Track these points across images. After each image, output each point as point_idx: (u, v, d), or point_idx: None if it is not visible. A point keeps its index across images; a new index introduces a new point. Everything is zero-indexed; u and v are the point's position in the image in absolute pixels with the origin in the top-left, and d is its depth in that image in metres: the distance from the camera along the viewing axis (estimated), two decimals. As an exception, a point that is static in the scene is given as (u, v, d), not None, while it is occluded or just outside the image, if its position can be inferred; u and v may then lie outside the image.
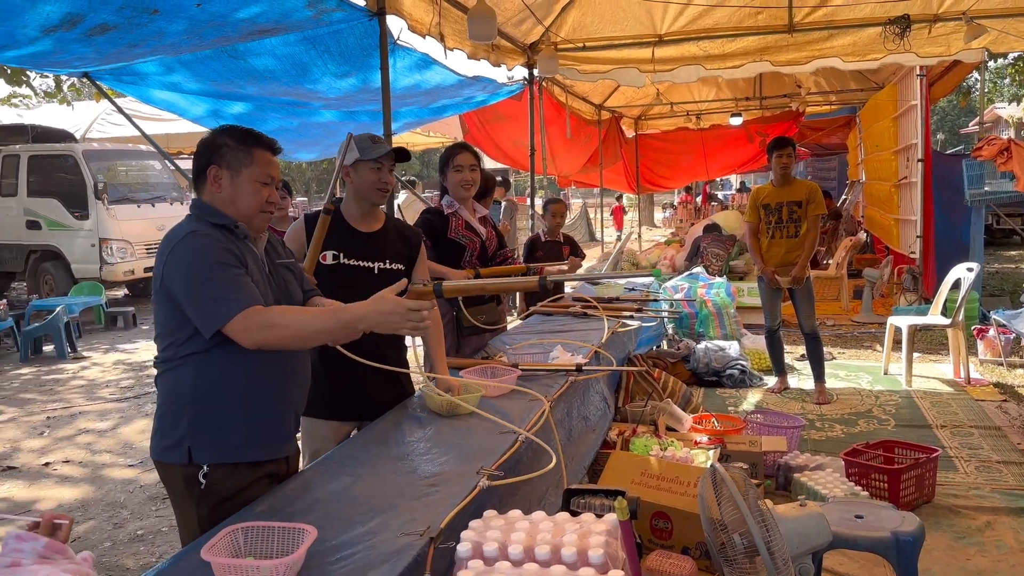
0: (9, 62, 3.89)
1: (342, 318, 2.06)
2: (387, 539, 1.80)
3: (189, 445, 2.13)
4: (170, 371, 2.17)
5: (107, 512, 4.44)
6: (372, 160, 2.84)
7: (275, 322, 2.03)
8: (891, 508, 2.59)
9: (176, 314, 2.10)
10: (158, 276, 2.12)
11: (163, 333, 2.17)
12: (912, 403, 5.61)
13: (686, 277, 7.83)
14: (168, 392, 2.18)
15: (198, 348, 2.12)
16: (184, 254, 2.07)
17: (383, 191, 2.91)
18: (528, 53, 7.00)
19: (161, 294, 2.12)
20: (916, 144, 8.56)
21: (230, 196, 2.18)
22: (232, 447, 2.17)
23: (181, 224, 2.17)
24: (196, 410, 2.14)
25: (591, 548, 1.64)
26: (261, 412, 2.23)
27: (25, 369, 8.43)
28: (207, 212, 2.17)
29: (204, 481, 2.13)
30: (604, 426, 3.72)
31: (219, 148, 2.17)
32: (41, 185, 11.61)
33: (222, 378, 2.15)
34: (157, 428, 2.21)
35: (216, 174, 2.17)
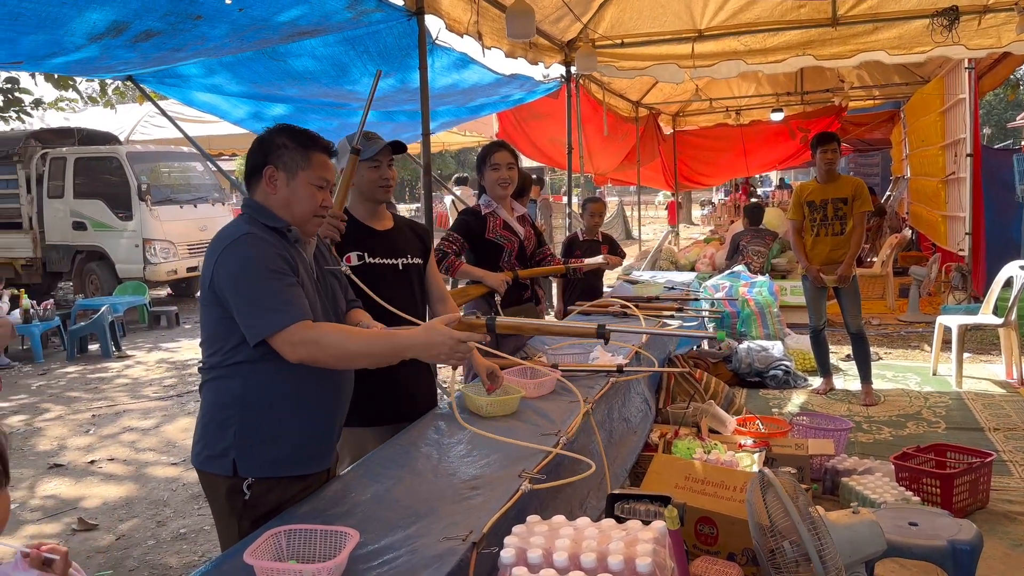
0: (56, 69, 3.95)
1: (392, 344, 2.02)
2: (429, 543, 1.78)
3: (234, 457, 2.09)
4: (217, 379, 2.12)
5: (150, 510, 4.50)
6: (369, 159, 2.81)
7: (323, 340, 1.98)
8: (947, 515, 2.50)
9: (225, 319, 2.05)
10: (207, 277, 2.06)
11: (210, 338, 2.12)
12: (963, 405, 5.45)
13: (727, 276, 7.71)
14: (213, 401, 2.13)
15: (247, 357, 2.06)
16: (237, 257, 2.01)
17: (386, 187, 2.89)
18: (565, 50, 6.95)
19: (210, 296, 2.06)
20: (964, 139, 8.34)
21: (285, 199, 2.12)
22: (278, 461, 2.13)
23: (234, 224, 2.12)
24: (243, 422, 2.09)
25: (638, 556, 1.60)
26: (308, 426, 2.18)
27: (71, 367, 8.60)
28: (261, 213, 2.12)
29: (248, 493, 2.09)
30: (646, 428, 3.66)
31: (276, 148, 2.12)
32: (87, 187, 11.85)
33: (270, 390, 2.10)
34: (200, 436, 2.16)
35: (272, 175, 2.12)
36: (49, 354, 9.27)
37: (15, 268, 12.40)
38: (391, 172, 2.88)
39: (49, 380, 8.03)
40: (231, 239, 2.04)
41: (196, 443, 2.18)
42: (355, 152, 2.81)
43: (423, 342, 2.00)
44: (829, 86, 12.16)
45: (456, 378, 3.24)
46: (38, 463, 5.40)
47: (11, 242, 12.37)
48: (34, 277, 12.32)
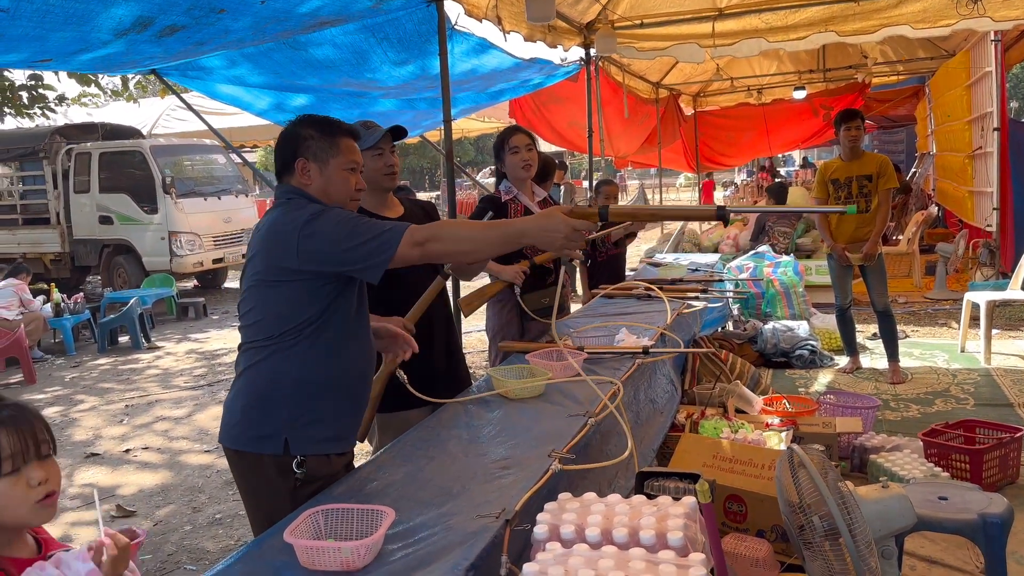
0: (82, 66, 4.01)
1: (506, 231, 2.05)
2: (463, 521, 1.81)
3: (287, 436, 2.14)
4: (268, 360, 2.15)
5: (186, 496, 4.59)
6: (371, 148, 2.82)
7: (441, 233, 2.03)
8: (977, 489, 2.50)
9: (299, 296, 2.08)
10: (288, 260, 2.05)
11: (270, 319, 2.12)
12: (992, 381, 5.40)
13: (751, 256, 7.67)
14: (264, 381, 2.15)
15: (309, 336, 2.12)
16: (327, 225, 2.02)
17: (390, 174, 2.90)
18: (584, 33, 6.93)
19: (286, 278, 2.08)
20: (991, 113, 8.20)
21: (321, 187, 2.17)
22: (328, 439, 2.21)
23: (291, 209, 2.11)
24: (297, 401, 2.15)
25: (670, 531, 1.62)
26: (352, 403, 2.28)
27: (103, 359, 8.76)
28: (308, 198, 2.15)
29: (300, 471, 2.15)
30: (672, 409, 3.68)
31: (304, 140, 2.17)
32: (112, 181, 11.99)
33: (325, 370, 2.16)
34: (241, 417, 2.18)
35: (304, 166, 2.17)
36: (80, 347, 9.43)
37: (44, 263, 12.60)
38: (394, 158, 2.90)
39: (82, 372, 8.18)
40: (305, 220, 2.04)
41: (233, 425, 2.20)
42: (443, 276, 2.88)
43: (539, 227, 1.98)
44: (852, 62, 11.99)
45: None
46: (75, 452, 5.52)
47: (39, 237, 12.57)
48: (63, 272, 12.51)
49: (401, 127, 2.88)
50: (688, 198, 29.37)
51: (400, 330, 2.61)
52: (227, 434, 2.23)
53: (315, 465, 2.18)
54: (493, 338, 4.02)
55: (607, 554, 1.58)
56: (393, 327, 2.60)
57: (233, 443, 2.22)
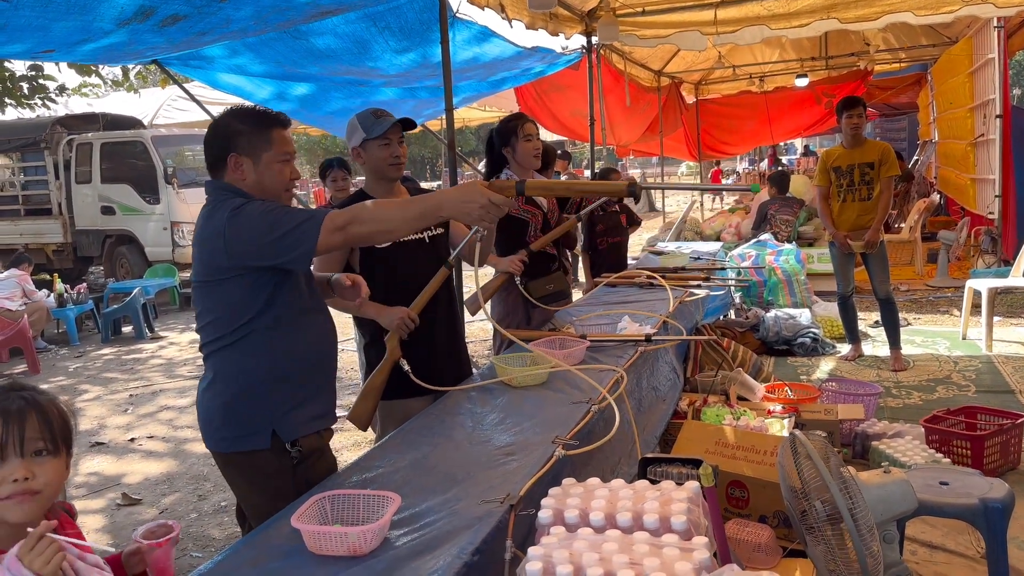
0: (84, 57, 4.02)
1: (424, 204, 2.04)
2: (468, 506, 1.83)
3: (274, 427, 2.16)
4: (232, 357, 2.15)
5: (191, 485, 4.62)
6: (379, 137, 2.80)
7: (361, 215, 2.02)
8: (978, 475, 2.51)
9: (247, 289, 2.10)
10: (219, 258, 2.07)
11: (223, 317, 2.13)
12: (993, 368, 5.42)
13: (753, 244, 7.67)
14: (236, 379, 2.16)
15: (269, 323, 2.13)
16: (247, 220, 2.03)
17: (397, 165, 2.88)
18: (586, 21, 6.90)
19: (221, 275, 2.09)
20: (994, 100, 8.18)
21: (255, 181, 2.16)
22: (315, 417, 2.25)
23: (217, 207, 2.10)
24: (275, 391, 2.16)
25: (673, 515, 1.64)
26: (327, 377, 2.32)
27: (106, 349, 8.78)
28: (239, 194, 2.13)
29: (295, 450, 2.20)
30: (674, 396, 3.70)
31: (235, 135, 2.14)
32: (113, 171, 11.98)
33: (291, 353, 2.18)
34: (223, 420, 2.17)
35: (236, 162, 2.14)
36: (84, 337, 9.46)
37: (47, 253, 12.62)
38: (401, 149, 2.88)
39: (85, 362, 8.21)
40: (227, 216, 2.04)
41: (216, 428, 2.19)
42: (448, 267, 2.88)
43: (456, 198, 1.98)
44: (854, 50, 11.94)
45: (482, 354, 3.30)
46: (80, 442, 5.51)
47: (42, 228, 12.58)
48: (65, 262, 12.52)
49: (410, 119, 2.88)
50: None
51: (402, 309, 2.70)
52: (212, 438, 2.22)
53: (307, 444, 2.24)
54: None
55: (611, 538, 1.60)
56: (397, 313, 2.70)
57: (222, 447, 2.21)
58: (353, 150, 2.90)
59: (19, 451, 1.36)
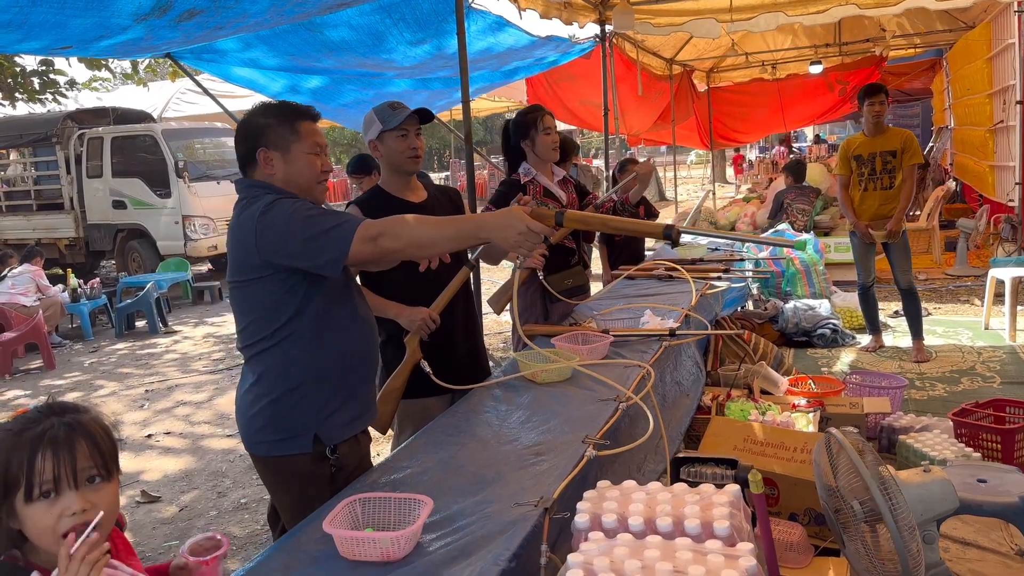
0: (101, 52, 3.98)
1: (463, 225, 2.02)
2: (500, 509, 1.79)
3: (315, 431, 2.14)
4: (273, 360, 2.12)
5: (210, 481, 4.60)
6: (396, 128, 2.75)
7: (395, 229, 1.97)
8: (1016, 471, 2.46)
9: (282, 289, 2.07)
10: (246, 255, 2.05)
11: (262, 318, 2.11)
12: (1018, 359, 5.34)
13: (771, 235, 7.60)
14: (278, 382, 2.13)
15: (308, 324, 2.10)
16: (279, 218, 2.00)
17: (415, 157, 2.83)
18: (600, 9, 6.83)
19: (255, 273, 2.07)
20: (1014, 85, 8.06)
21: (286, 175, 2.13)
22: (355, 418, 2.24)
23: (249, 204, 2.07)
24: (317, 394, 2.14)
25: (716, 520, 1.59)
26: (368, 377, 2.30)
27: (120, 344, 8.79)
28: (271, 190, 2.11)
29: (334, 457, 2.18)
30: (698, 391, 3.64)
31: (264, 130, 2.13)
32: (124, 165, 11.98)
33: (332, 355, 2.15)
34: (265, 423, 2.14)
35: (267, 156, 2.12)
36: (98, 332, 9.47)
37: (59, 248, 12.64)
38: (419, 141, 2.83)
39: (100, 357, 8.21)
40: (259, 213, 2.02)
41: (256, 431, 2.16)
42: (469, 267, 2.86)
43: (497, 223, 1.95)
44: (868, 36, 11.82)
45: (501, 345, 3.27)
46: (97, 438, 5.54)
47: (54, 223, 12.60)
48: (77, 257, 12.54)
49: (427, 110, 2.82)
50: (699, 175, 29.20)
51: (423, 309, 2.69)
52: (252, 441, 2.20)
53: (346, 451, 2.22)
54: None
55: (652, 544, 1.56)
56: (418, 313, 2.69)
57: (262, 450, 2.19)
58: (370, 143, 2.85)
59: (73, 482, 1.31)
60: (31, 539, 1.33)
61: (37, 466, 1.29)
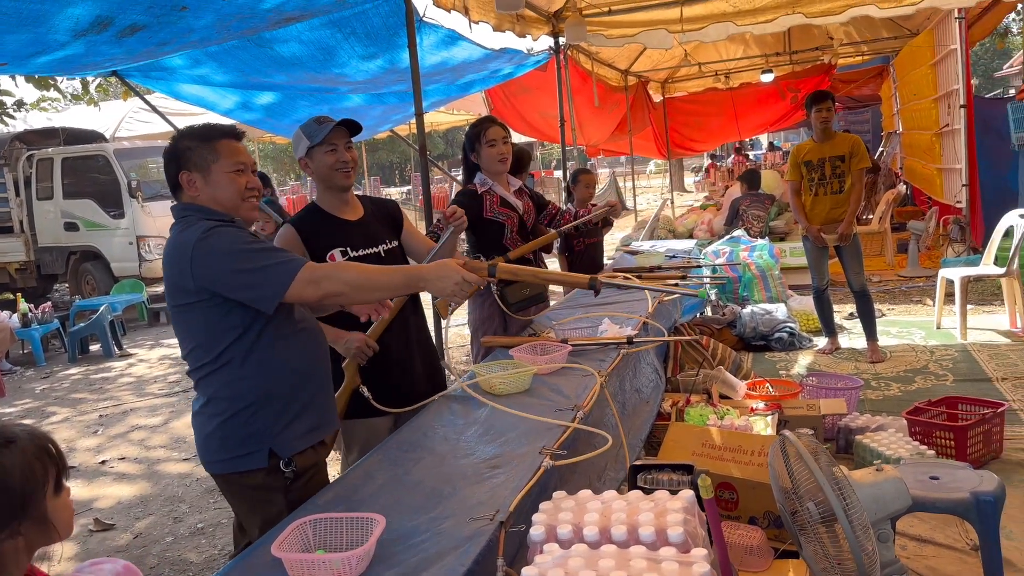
0: (40, 69, 3.89)
1: (407, 275, 2.13)
2: (456, 524, 1.77)
3: (270, 445, 2.14)
4: (225, 379, 2.13)
5: (166, 507, 4.49)
6: (323, 143, 2.68)
7: (339, 274, 2.06)
8: (967, 467, 2.50)
9: (221, 316, 2.06)
10: (183, 281, 2.04)
11: (207, 341, 2.11)
12: (969, 356, 5.46)
13: (727, 241, 7.68)
14: (230, 401, 2.13)
15: (251, 345, 2.10)
16: (217, 246, 2.01)
17: (345, 171, 2.74)
18: (553, 21, 6.87)
19: (194, 299, 2.05)
20: (957, 90, 8.27)
21: (209, 195, 2.14)
22: (311, 430, 2.23)
23: (186, 228, 2.07)
24: (271, 408, 2.15)
25: (670, 527, 1.59)
26: (323, 387, 2.31)
27: (74, 369, 8.58)
28: (202, 211, 2.12)
29: (288, 470, 2.17)
30: (657, 397, 3.66)
31: (183, 152, 2.13)
32: (76, 187, 11.74)
33: (284, 369, 2.16)
34: (220, 442, 2.15)
35: (189, 179, 2.13)
36: (51, 357, 9.24)
37: (9, 272, 12.33)
38: (349, 154, 2.75)
39: (53, 383, 8.00)
40: (196, 238, 2.02)
41: (213, 450, 2.17)
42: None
43: (435, 275, 2.09)
44: (817, 44, 12.05)
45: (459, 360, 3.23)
46: (49, 466, 5.38)
47: (3, 247, 12.28)
48: (28, 281, 12.24)
49: (355, 122, 2.74)
50: (658, 184, 29.49)
51: (360, 334, 2.68)
52: (209, 460, 2.21)
53: (302, 461, 2.22)
54: (474, 333, 3.99)
55: (607, 553, 1.55)
56: (355, 338, 2.69)
57: (218, 468, 2.20)
58: (300, 161, 2.78)
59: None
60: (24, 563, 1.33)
61: None
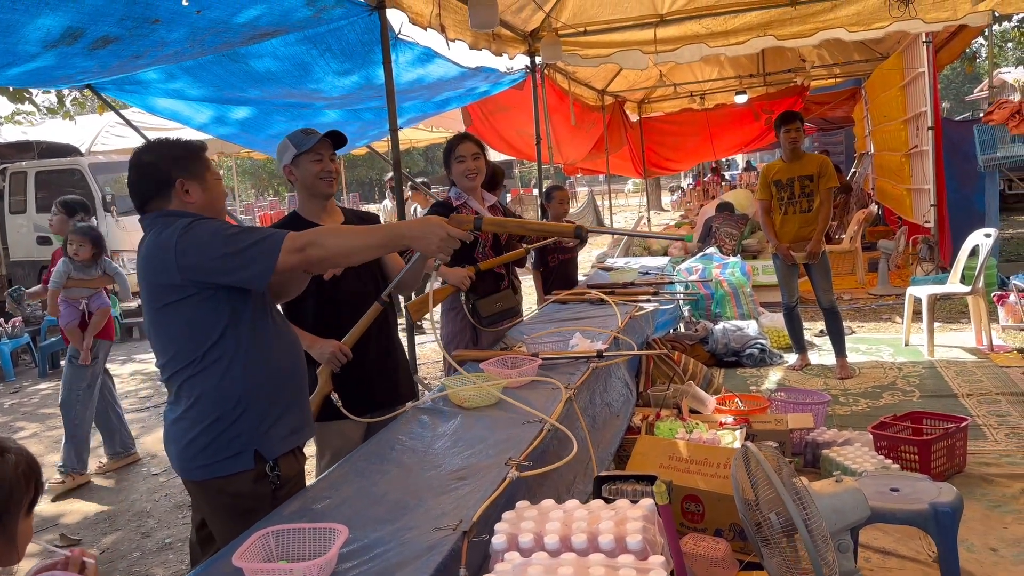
0: (11, 81, 3.87)
1: (389, 232, 2.16)
2: (419, 535, 1.78)
3: (256, 446, 2.16)
4: (206, 382, 2.13)
5: (134, 522, 4.45)
6: (309, 151, 2.80)
7: (321, 239, 2.06)
8: (927, 480, 2.55)
9: (205, 312, 2.08)
10: (170, 276, 2.05)
11: (189, 343, 2.12)
12: (936, 373, 5.54)
13: (700, 258, 7.76)
14: (213, 404, 2.14)
15: (235, 344, 2.13)
16: (200, 235, 2.03)
17: (328, 180, 2.87)
18: (529, 41, 6.95)
19: (178, 296, 2.07)
20: (926, 112, 8.46)
21: (205, 201, 2.19)
22: (294, 431, 2.27)
23: (164, 228, 2.09)
24: (253, 410, 2.16)
25: (628, 535, 1.61)
26: (300, 390, 2.35)
27: (44, 384, 8.47)
28: (184, 215, 2.14)
29: (273, 474, 2.20)
30: (628, 411, 3.69)
31: (176, 161, 2.17)
32: (49, 200, 11.48)
33: (264, 370, 2.18)
34: (204, 446, 2.14)
35: (184, 185, 2.16)
36: (20, 372, 9.12)
37: (-21, 287, 12.16)
38: (333, 165, 2.88)
39: (22, 398, 7.89)
40: (178, 234, 2.04)
41: (194, 456, 2.16)
42: (382, 303, 2.88)
43: (419, 231, 2.08)
44: (791, 66, 12.26)
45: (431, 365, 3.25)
46: (15, 482, 5.30)
47: (-27, 261, 12.14)
48: (-2, 295, 12.09)
49: (340, 133, 2.86)
50: (636, 203, 29.68)
51: (334, 342, 2.74)
52: (190, 468, 2.19)
53: (285, 466, 2.25)
54: (446, 346, 4.00)
55: (566, 561, 1.56)
56: (329, 345, 2.75)
57: (199, 475, 2.18)
58: (285, 168, 2.89)
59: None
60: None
61: None
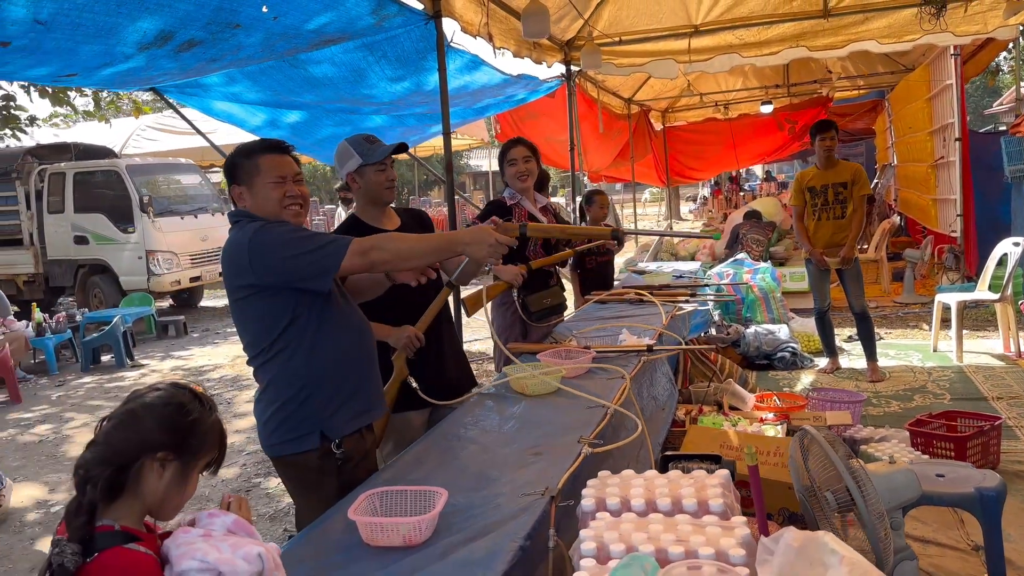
0: (103, 81, 4.06)
1: (443, 239, 2.37)
2: (509, 499, 1.94)
3: (321, 428, 2.31)
4: (278, 367, 2.30)
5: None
6: (376, 163, 2.89)
7: (383, 244, 2.24)
8: (970, 467, 2.68)
9: (277, 303, 2.25)
10: (244, 276, 2.23)
11: (260, 333, 2.29)
12: (965, 377, 5.65)
13: (731, 263, 7.90)
14: (284, 387, 2.31)
15: (302, 330, 2.28)
16: (268, 238, 2.20)
17: (392, 189, 3.01)
18: (565, 49, 7.13)
19: (252, 291, 2.25)
20: (953, 123, 8.56)
21: (255, 205, 2.34)
22: (359, 413, 2.40)
23: (239, 230, 2.28)
24: (321, 392, 2.31)
25: (710, 499, 1.77)
26: (369, 373, 2.47)
27: (87, 378, 8.69)
28: (255, 217, 2.32)
29: (339, 451, 2.33)
30: (672, 405, 3.83)
31: (233, 168, 2.35)
32: (87, 201, 11.89)
33: (331, 356, 2.32)
34: (276, 425, 2.32)
35: (237, 192, 2.36)
36: (62, 366, 9.34)
37: (17, 284, 12.42)
38: (394, 172, 3.02)
39: (67, 391, 8.11)
40: (248, 237, 2.21)
41: (269, 434, 2.35)
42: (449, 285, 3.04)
43: (471, 239, 2.30)
44: (815, 77, 12.38)
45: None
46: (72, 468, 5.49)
47: (12, 259, 12.40)
48: (36, 293, 12.33)
49: (404, 144, 2.98)
50: (654, 212, 29.79)
51: (409, 328, 2.88)
52: (267, 444, 2.38)
53: (350, 445, 2.39)
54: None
55: (655, 520, 1.72)
56: (404, 332, 2.88)
57: (275, 451, 2.37)
58: (348, 176, 2.96)
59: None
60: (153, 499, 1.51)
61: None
